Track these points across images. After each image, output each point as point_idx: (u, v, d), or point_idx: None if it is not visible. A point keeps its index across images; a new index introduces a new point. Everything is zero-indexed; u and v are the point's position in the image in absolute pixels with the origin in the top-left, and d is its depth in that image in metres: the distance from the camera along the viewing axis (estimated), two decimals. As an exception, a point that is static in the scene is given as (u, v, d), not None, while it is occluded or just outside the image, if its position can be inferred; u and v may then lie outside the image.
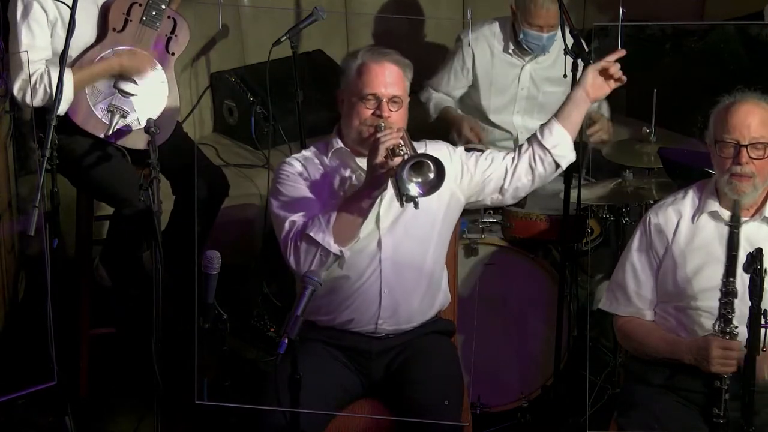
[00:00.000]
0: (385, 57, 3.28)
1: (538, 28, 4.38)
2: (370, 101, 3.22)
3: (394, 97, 3.23)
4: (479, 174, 3.34)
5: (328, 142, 3.34)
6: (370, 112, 3.22)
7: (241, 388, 3.05)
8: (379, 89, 3.23)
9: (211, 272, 2.85)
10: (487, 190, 3.36)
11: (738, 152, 3.05)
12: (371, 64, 3.25)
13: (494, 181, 3.34)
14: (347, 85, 3.28)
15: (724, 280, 2.94)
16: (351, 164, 3.29)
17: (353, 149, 3.29)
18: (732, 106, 3.10)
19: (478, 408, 3.85)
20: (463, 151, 3.40)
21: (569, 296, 3.87)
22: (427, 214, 3.21)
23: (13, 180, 4.41)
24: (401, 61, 3.31)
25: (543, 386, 3.94)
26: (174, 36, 4.00)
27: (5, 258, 4.14)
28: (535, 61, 4.53)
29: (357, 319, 3.25)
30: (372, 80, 3.23)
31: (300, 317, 2.71)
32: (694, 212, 3.20)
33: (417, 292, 3.28)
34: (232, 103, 5.26)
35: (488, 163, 3.35)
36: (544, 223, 3.97)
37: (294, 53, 4.68)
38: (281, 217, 3.20)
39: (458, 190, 3.33)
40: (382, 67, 3.25)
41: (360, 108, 3.23)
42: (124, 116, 3.85)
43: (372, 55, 3.28)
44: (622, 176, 4.04)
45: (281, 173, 3.31)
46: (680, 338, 3.16)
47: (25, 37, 3.73)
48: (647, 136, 4.10)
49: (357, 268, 3.22)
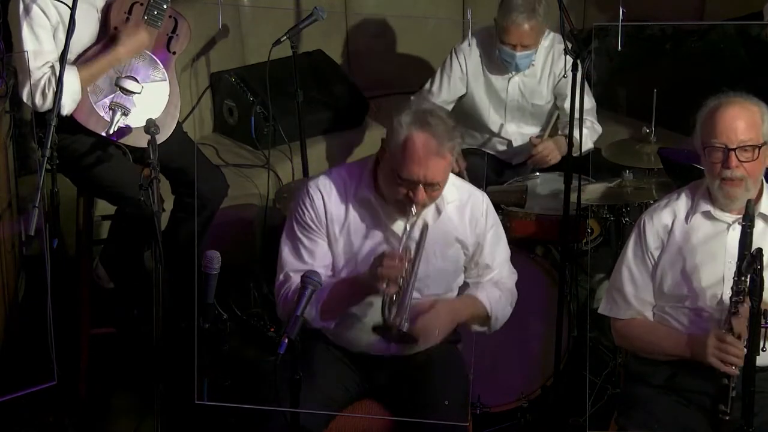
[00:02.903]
0: (435, 145, 3.00)
1: (511, 47, 4.40)
2: (406, 183, 3.04)
3: (434, 183, 3.05)
4: (477, 263, 3.32)
5: (361, 179, 3.18)
6: (404, 193, 3.05)
7: (241, 388, 3.05)
8: (418, 177, 3.02)
9: (211, 272, 2.85)
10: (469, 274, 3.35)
11: (727, 156, 3.04)
12: (416, 148, 3.00)
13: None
14: (390, 150, 3.07)
15: (735, 279, 2.92)
16: (373, 219, 3.18)
17: (380, 199, 3.16)
18: (717, 109, 3.07)
19: (478, 408, 3.85)
20: (493, 224, 3.31)
21: (569, 296, 3.87)
22: (441, 269, 3.23)
23: (13, 180, 4.41)
24: (449, 144, 3.04)
25: (543, 386, 3.94)
26: (175, 35, 4.00)
27: (5, 258, 4.13)
28: (523, 73, 4.54)
29: (367, 349, 3.25)
30: (412, 167, 3.01)
31: (300, 317, 2.71)
32: (687, 212, 3.19)
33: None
34: (232, 103, 5.26)
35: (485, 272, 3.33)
36: (544, 223, 3.97)
37: (294, 53, 4.69)
38: (283, 258, 3.19)
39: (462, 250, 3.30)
40: (426, 156, 3.00)
41: (395, 184, 3.05)
42: (125, 114, 3.85)
43: (420, 134, 3.00)
44: (622, 176, 4.05)
45: (304, 204, 3.19)
46: (681, 333, 3.16)
47: (31, 43, 3.73)
48: (647, 136, 4.11)
49: (368, 312, 3.20)
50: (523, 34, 4.35)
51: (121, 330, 4.23)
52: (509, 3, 4.35)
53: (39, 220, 3.10)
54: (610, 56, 5.23)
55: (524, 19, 4.32)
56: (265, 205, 4.81)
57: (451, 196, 3.22)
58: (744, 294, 2.93)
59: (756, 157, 3.05)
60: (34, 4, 3.73)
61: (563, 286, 3.76)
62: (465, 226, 3.24)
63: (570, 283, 3.85)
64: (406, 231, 3.09)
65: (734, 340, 2.98)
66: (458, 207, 3.24)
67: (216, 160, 4.96)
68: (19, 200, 4.45)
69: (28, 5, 3.73)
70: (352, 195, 3.18)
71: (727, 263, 3.07)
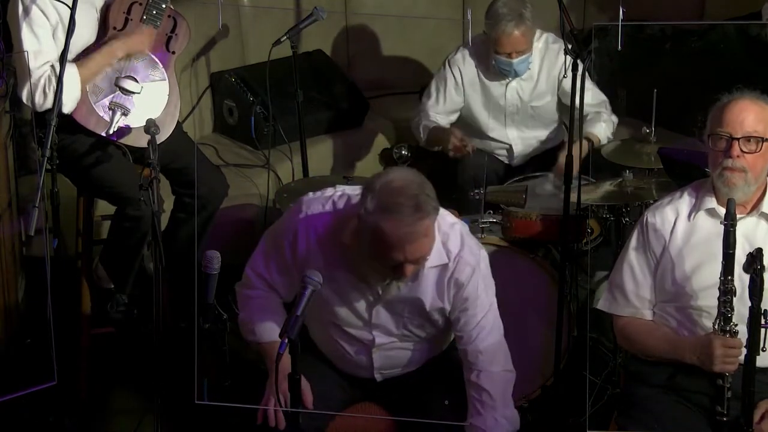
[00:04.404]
0: (410, 232, 2.77)
1: (507, 55, 4.42)
2: (390, 262, 2.84)
3: (419, 259, 2.87)
4: (455, 320, 3.10)
5: (346, 225, 2.96)
6: (389, 270, 2.88)
7: (241, 388, 3.04)
8: (400, 259, 2.82)
9: (211, 272, 2.84)
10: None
11: (730, 145, 3.04)
12: (389, 238, 2.77)
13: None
14: (362, 239, 2.86)
15: (722, 279, 2.94)
16: (349, 266, 3.01)
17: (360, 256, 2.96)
18: (729, 102, 3.09)
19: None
20: (480, 294, 3.07)
21: (569, 296, 3.87)
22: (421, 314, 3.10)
23: (13, 180, 4.41)
24: (426, 221, 2.80)
25: (543, 386, 3.94)
26: (174, 35, 4.00)
27: (5, 258, 4.13)
28: (520, 78, 4.55)
29: (356, 374, 3.24)
30: (391, 254, 2.81)
31: (300, 317, 2.70)
32: (690, 210, 3.19)
33: (415, 362, 3.24)
34: (232, 103, 5.26)
35: (466, 333, 3.09)
36: (544, 223, 3.97)
37: (294, 53, 4.69)
38: (248, 270, 3.17)
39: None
40: (401, 242, 2.78)
41: (379, 263, 2.88)
42: (125, 114, 3.85)
43: (388, 223, 2.77)
44: (622, 176, 4.04)
45: (289, 238, 3.04)
46: (682, 337, 3.16)
47: (31, 44, 3.73)
48: (647, 136, 4.10)
49: (346, 349, 3.17)
50: (515, 40, 4.37)
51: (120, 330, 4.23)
52: (496, 13, 4.37)
53: (39, 220, 3.10)
54: (610, 56, 5.24)
55: (513, 27, 4.34)
56: (265, 205, 4.81)
57: (434, 260, 2.98)
58: (731, 294, 2.94)
59: (759, 150, 3.04)
60: (34, 4, 3.73)
61: (563, 286, 3.76)
62: (442, 287, 3.03)
63: (570, 283, 3.85)
64: (379, 283, 3.01)
65: (739, 342, 2.98)
66: (441, 268, 3.02)
67: (216, 160, 4.96)
68: (19, 200, 4.46)
69: (28, 5, 3.73)
70: (338, 240, 2.99)
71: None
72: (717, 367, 3.01)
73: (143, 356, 3.84)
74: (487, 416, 3.05)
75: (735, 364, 3.00)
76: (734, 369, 3.01)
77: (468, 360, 3.08)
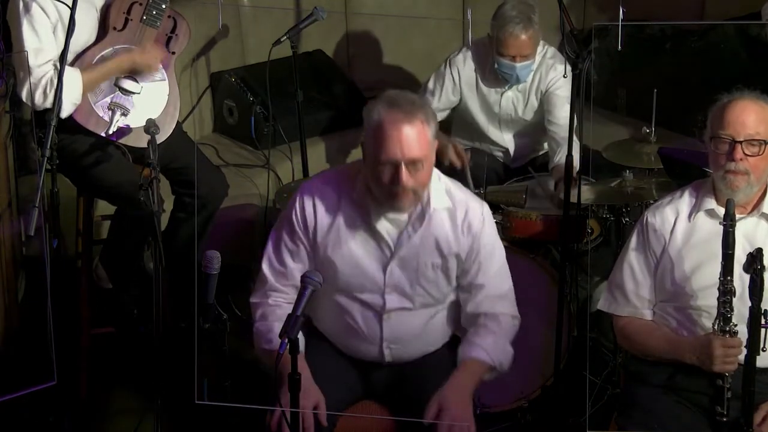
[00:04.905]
0: (402, 116, 2.98)
1: (511, 58, 4.38)
2: (387, 166, 3.00)
3: (414, 160, 2.99)
4: (469, 276, 3.22)
5: (354, 181, 3.14)
6: (387, 178, 3.00)
7: (241, 388, 3.04)
8: (396, 155, 2.98)
9: (211, 272, 2.84)
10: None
11: (732, 148, 3.04)
12: (386, 126, 2.98)
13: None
14: (367, 141, 3.05)
15: (722, 279, 2.94)
16: (363, 222, 3.14)
17: (371, 200, 3.11)
18: (729, 103, 3.09)
19: (478, 408, 3.84)
20: (491, 240, 3.22)
21: (569, 296, 3.87)
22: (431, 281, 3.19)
23: (13, 180, 4.41)
24: (419, 115, 3.01)
25: (543, 386, 3.93)
26: (174, 35, 4.00)
27: (5, 258, 4.13)
28: (516, 88, 4.53)
29: (363, 354, 3.26)
30: (387, 144, 2.98)
31: (300, 317, 2.70)
32: (690, 210, 3.19)
33: (423, 338, 3.27)
34: (232, 103, 5.26)
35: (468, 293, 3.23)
36: (544, 223, 3.97)
37: (294, 53, 4.69)
38: (263, 267, 3.22)
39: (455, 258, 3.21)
40: (398, 130, 2.97)
41: (378, 173, 3.01)
42: (125, 114, 3.85)
43: (389, 115, 2.99)
44: (622, 176, 4.04)
45: (294, 207, 3.18)
46: (681, 337, 3.16)
47: (31, 41, 3.73)
48: (647, 136, 4.10)
49: (357, 320, 3.21)
50: (522, 44, 4.33)
51: (121, 330, 4.23)
52: (504, 15, 4.33)
53: (39, 220, 3.10)
54: (610, 56, 5.24)
55: (521, 30, 4.30)
56: (265, 205, 4.81)
57: (440, 202, 3.14)
58: (731, 294, 2.94)
59: (762, 152, 3.05)
60: (34, 3, 3.73)
61: (563, 286, 3.76)
62: (457, 232, 3.16)
63: (570, 283, 3.85)
64: (391, 236, 3.10)
65: (738, 342, 2.98)
66: (450, 212, 3.17)
67: (216, 160, 4.96)
68: (19, 200, 4.46)
69: (28, 4, 3.73)
70: (345, 197, 3.15)
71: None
72: (716, 367, 3.01)
73: (143, 356, 3.84)
74: (488, 337, 3.17)
75: (734, 364, 3.01)
76: (733, 369, 3.01)
77: (477, 309, 3.21)
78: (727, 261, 2.92)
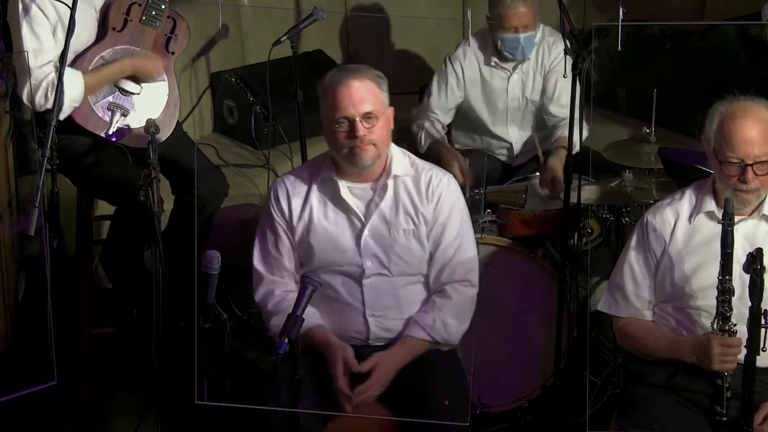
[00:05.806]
0: (350, 75, 3.17)
1: (513, 30, 4.42)
2: (343, 124, 3.16)
3: (367, 114, 3.15)
4: (434, 250, 3.31)
5: (321, 164, 3.31)
6: (344, 134, 3.15)
7: (241, 388, 3.04)
8: (348, 110, 3.14)
9: (211, 272, 2.85)
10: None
11: (744, 171, 3.04)
12: (336, 86, 3.16)
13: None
14: (322, 110, 3.22)
15: (720, 278, 2.94)
16: (333, 198, 3.29)
17: (341, 171, 3.27)
18: (731, 121, 3.05)
19: (478, 408, 3.85)
20: (456, 208, 3.32)
21: (569, 296, 3.87)
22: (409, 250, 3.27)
23: (13, 180, 4.41)
24: (368, 75, 3.19)
25: (543, 386, 3.94)
26: (174, 35, 4.00)
27: (5, 258, 4.13)
28: (521, 70, 4.55)
29: (349, 329, 3.30)
30: (339, 102, 3.15)
31: (300, 317, 2.71)
32: (691, 212, 3.19)
33: (404, 309, 3.31)
34: (232, 103, 5.26)
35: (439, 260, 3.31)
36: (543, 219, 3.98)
37: (294, 53, 4.68)
38: (255, 264, 3.38)
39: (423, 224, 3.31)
40: (347, 87, 3.14)
41: (335, 132, 3.17)
42: (124, 114, 3.85)
43: (337, 76, 3.18)
44: (622, 176, 4.04)
45: (270, 199, 3.36)
46: (681, 337, 3.17)
47: (31, 42, 3.73)
48: (647, 136, 4.10)
49: (339, 291, 3.29)
50: (522, 14, 4.40)
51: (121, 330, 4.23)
52: None
53: (39, 220, 3.09)
54: (610, 56, 5.24)
55: (519, 1, 4.38)
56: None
57: (401, 170, 3.27)
58: (730, 294, 2.94)
59: None
60: (33, 4, 3.73)
61: (563, 286, 3.76)
62: (422, 197, 3.27)
63: (570, 283, 3.85)
64: (359, 207, 3.23)
65: (737, 341, 2.98)
66: (413, 178, 3.28)
67: (216, 160, 4.96)
68: (19, 200, 4.45)
69: (28, 4, 3.73)
70: (315, 181, 3.29)
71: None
72: (715, 366, 3.01)
73: (143, 356, 3.84)
74: (429, 314, 3.27)
75: (733, 363, 3.01)
76: (732, 368, 3.01)
77: (439, 274, 3.29)
78: (726, 260, 2.92)
